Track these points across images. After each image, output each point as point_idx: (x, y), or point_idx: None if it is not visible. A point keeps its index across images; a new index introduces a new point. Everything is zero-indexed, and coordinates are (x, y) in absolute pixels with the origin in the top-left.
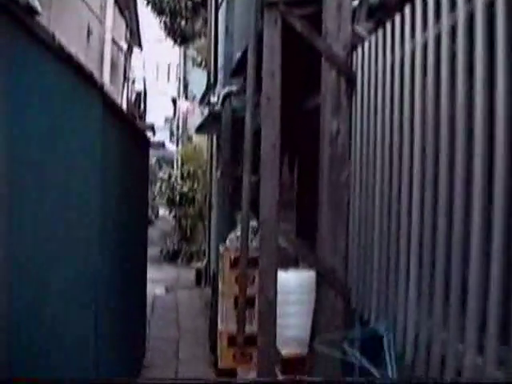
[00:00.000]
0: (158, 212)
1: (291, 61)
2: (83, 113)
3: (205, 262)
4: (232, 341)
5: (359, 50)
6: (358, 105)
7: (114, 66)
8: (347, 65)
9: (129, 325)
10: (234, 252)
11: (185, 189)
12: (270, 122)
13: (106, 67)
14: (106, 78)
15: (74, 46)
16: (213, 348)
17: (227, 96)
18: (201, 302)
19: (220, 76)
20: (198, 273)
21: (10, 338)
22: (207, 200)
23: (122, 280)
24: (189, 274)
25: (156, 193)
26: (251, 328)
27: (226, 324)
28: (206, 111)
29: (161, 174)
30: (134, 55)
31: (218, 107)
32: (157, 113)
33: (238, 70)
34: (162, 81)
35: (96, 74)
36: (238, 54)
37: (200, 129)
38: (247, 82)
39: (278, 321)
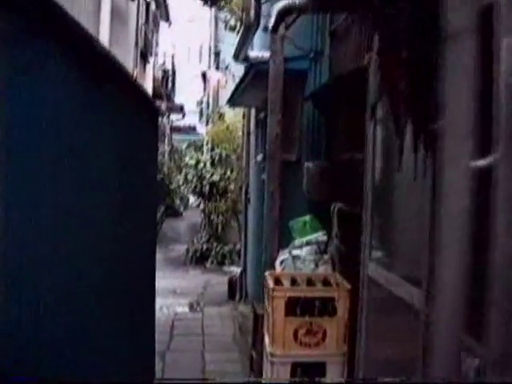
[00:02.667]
0: (187, 202)
1: None
2: None
3: (240, 268)
4: None
5: None
6: None
7: (118, 15)
8: None
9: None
10: (292, 288)
11: (215, 177)
12: None
13: (104, 14)
14: (105, 27)
15: None
16: None
17: (285, 14)
18: (234, 326)
19: (264, 15)
20: (232, 283)
21: None
22: (243, 191)
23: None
24: (219, 282)
25: (181, 181)
26: None
27: None
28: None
29: (187, 159)
30: (163, 31)
31: (261, 56)
32: (188, 96)
33: None
34: (194, 64)
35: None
36: None
37: (234, 99)
38: None
39: None
